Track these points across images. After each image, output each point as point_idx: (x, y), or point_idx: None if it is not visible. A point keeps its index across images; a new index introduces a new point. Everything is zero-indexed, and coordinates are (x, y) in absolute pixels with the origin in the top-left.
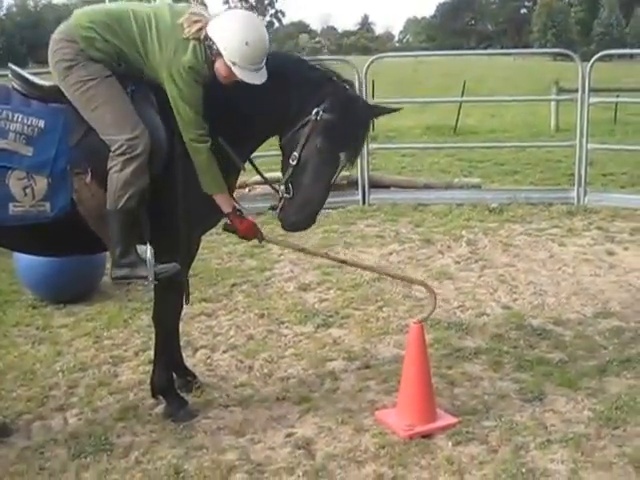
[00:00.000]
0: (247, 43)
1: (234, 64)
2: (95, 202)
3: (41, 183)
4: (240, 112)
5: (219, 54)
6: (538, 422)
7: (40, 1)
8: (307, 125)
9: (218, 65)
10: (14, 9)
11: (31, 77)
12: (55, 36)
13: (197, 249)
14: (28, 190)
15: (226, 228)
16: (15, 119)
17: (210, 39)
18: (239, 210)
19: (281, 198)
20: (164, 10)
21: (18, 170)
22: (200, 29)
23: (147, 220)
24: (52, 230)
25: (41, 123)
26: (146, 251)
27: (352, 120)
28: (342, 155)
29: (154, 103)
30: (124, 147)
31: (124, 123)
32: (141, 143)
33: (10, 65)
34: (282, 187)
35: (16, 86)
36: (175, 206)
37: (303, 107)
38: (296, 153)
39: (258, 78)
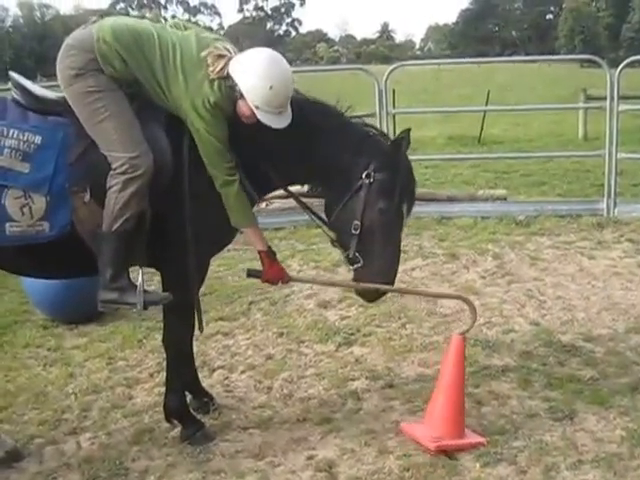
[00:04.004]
0: (271, 87)
1: (257, 107)
2: (94, 222)
3: (39, 202)
4: (268, 155)
5: (242, 95)
6: (569, 442)
7: (47, 12)
8: (361, 190)
9: (241, 105)
10: (21, 20)
11: (33, 87)
12: (69, 41)
13: (206, 272)
14: (26, 209)
15: (250, 274)
16: (10, 135)
17: (232, 79)
18: (272, 251)
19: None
20: (190, 40)
21: (14, 188)
22: (224, 66)
23: (144, 245)
24: (51, 251)
25: (38, 139)
26: (138, 277)
27: (402, 171)
28: (404, 208)
29: (161, 120)
30: (126, 166)
31: (128, 140)
32: (143, 163)
33: (11, 74)
34: (349, 257)
35: (16, 97)
36: (182, 229)
37: (349, 172)
38: (357, 222)
39: (281, 121)
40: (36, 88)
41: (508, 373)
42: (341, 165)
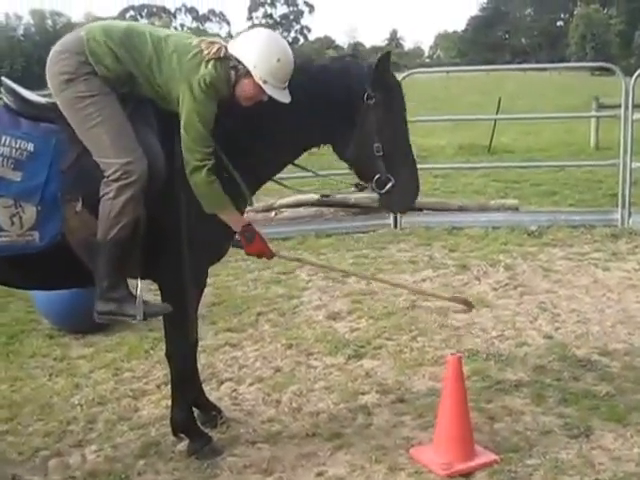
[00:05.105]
0: (279, 60)
1: (265, 82)
2: (85, 232)
3: (30, 211)
4: (261, 134)
5: (247, 74)
6: (585, 460)
7: (59, 20)
8: (368, 112)
9: (245, 85)
10: (32, 29)
11: (25, 93)
12: (57, 48)
13: (204, 281)
14: (15, 219)
15: (234, 244)
16: (2, 142)
17: (235, 59)
18: (250, 230)
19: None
20: (180, 34)
21: (5, 197)
22: (219, 49)
23: (140, 253)
24: (40, 261)
25: (30, 146)
26: (137, 287)
27: (393, 85)
28: (405, 116)
29: (154, 125)
30: (119, 172)
31: (121, 146)
32: (137, 169)
33: (3, 79)
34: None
35: (7, 102)
36: (177, 235)
37: (351, 102)
38: (377, 143)
39: (285, 96)
40: (28, 93)
41: (521, 388)
42: (341, 99)
